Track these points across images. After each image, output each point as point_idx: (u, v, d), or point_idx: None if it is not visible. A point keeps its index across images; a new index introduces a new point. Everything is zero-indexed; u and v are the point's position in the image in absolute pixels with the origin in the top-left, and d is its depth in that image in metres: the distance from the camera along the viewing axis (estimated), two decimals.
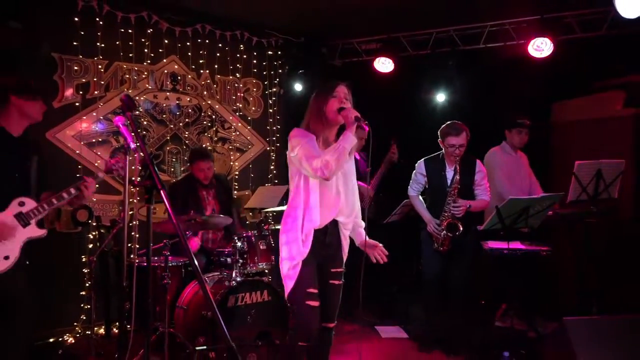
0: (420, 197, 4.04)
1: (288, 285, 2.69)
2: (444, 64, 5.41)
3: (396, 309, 5.10)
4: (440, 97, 5.55)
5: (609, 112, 5.10)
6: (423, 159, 4.03)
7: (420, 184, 4.00)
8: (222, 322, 1.99)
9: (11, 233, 2.80)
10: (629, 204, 4.89)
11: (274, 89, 5.83)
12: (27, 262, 2.92)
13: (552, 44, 4.67)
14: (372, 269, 5.35)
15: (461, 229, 3.69)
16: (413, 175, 4.06)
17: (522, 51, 4.89)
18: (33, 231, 2.89)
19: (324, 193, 2.68)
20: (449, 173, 3.84)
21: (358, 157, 5.15)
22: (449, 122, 3.89)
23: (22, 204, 2.87)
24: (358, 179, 4.96)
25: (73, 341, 4.34)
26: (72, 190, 2.92)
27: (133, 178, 2.78)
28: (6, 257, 2.80)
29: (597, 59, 4.97)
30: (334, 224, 2.77)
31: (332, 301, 2.81)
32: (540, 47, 4.77)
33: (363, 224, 2.92)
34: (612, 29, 4.66)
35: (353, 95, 2.76)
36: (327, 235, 2.74)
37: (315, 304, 2.69)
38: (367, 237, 2.86)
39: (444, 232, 3.74)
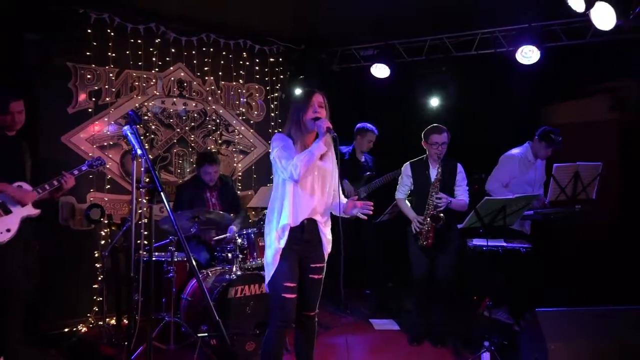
0: (406, 200, 4.29)
1: (269, 272, 2.95)
2: (438, 69, 5.66)
3: (390, 304, 5.35)
4: (434, 101, 5.79)
5: (596, 116, 5.32)
6: (409, 162, 4.28)
7: (407, 185, 4.24)
8: (210, 300, 2.21)
9: (28, 198, 3.34)
10: (615, 204, 5.10)
11: (276, 94, 6.09)
12: (38, 248, 3.34)
13: (539, 52, 4.90)
14: (368, 266, 5.62)
15: (443, 219, 3.93)
16: (399, 178, 4.31)
17: (512, 57, 5.12)
18: (29, 210, 3.40)
19: (299, 193, 2.92)
20: (433, 172, 4.09)
21: (363, 160, 5.43)
22: (432, 125, 4.15)
23: (19, 187, 3.38)
24: (355, 179, 5.20)
25: (86, 330, 4.63)
26: (55, 182, 3.46)
27: (141, 180, 3.02)
28: (8, 230, 3.30)
29: (584, 64, 5.18)
30: (312, 222, 2.98)
31: (312, 294, 3.06)
32: (528, 54, 4.99)
33: (344, 198, 3.08)
34: (596, 37, 4.86)
35: (352, 99, 3.03)
36: (304, 233, 2.95)
37: (292, 296, 2.92)
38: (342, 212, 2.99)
39: (428, 222, 3.97)
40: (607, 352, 3.15)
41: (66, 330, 4.56)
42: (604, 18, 3.68)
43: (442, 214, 3.95)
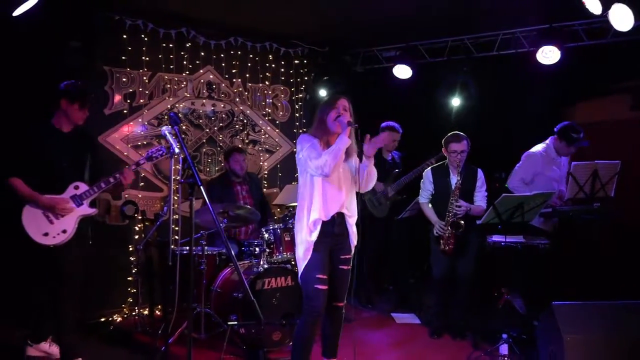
0: (430, 204, 4.41)
1: (301, 266, 3.14)
2: (459, 70, 5.76)
3: (411, 299, 5.49)
4: (456, 102, 5.88)
5: (617, 114, 5.36)
6: (430, 167, 4.44)
7: (429, 190, 4.38)
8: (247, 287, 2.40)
9: (69, 209, 3.46)
10: (636, 204, 5.12)
11: (300, 95, 6.29)
12: (90, 242, 3.53)
13: (559, 52, 4.96)
14: (392, 263, 5.76)
15: (463, 226, 4.07)
16: (421, 184, 4.45)
17: (532, 58, 5.18)
18: (85, 210, 3.55)
19: (328, 189, 3.12)
20: (453, 179, 4.22)
21: (389, 158, 5.56)
22: (451, 132, 4.27)
23: (76, 187, 3.55)
24: (383, 178, 5.34)
25: (121, 320, 4.88)
26: (117, 175, 3.58)
27: (177, 177, 3.25)
28: (64, 231, 3.46)
29: (604, 64, 5.21)
30: (341, 216, 3.19)
31: (342, 284, 3.26)
32: (548, 55, 5.05)
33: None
34: (617, 37, 4.90)
35: (375, 99, 3.18)
36: (335, 226, 3.17)
37: (323, 287, 3.12)
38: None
39: (449, 229, 4.12)
40: (622, 345, 3.24)
41: (102, 320, 4.81)
42: (623, 19, 3.77)
43: (462, 221, 4.08)
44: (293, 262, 4.49)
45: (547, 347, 3.53)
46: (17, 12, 3.57)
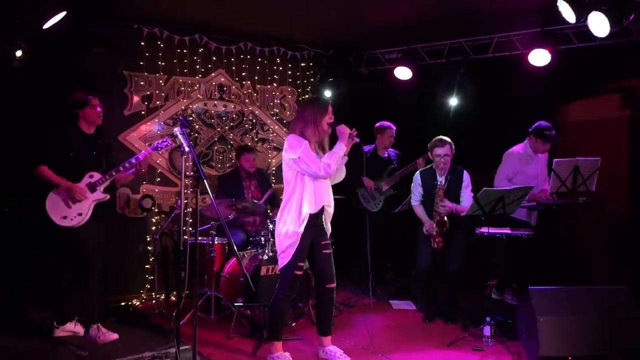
0: (421, 205, 4.74)
1: (287, 256, 3.51)
2: (457, 71, 6.04)
3: (411, 289, 5.79)
4: (453, 101, 6.16)
5: (607, 113, 5.59)
6: (419, 171, 4.78)
7: (419, 192, 4.71)
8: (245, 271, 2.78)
9: (84, 196, 3.98)
10: (623, 201, 5.37)
11: (307, 96, 6.62)
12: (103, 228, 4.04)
13: (550, 54, 5.21)
14: (391, 254, 6.07)
15: (447, 224, 4.41)
16: (412, 187, 4.79)
17: (526, 60, 5.44)
18: (99, 195, 4.08)
19: (317, 186, 3.49)
20: (439, 181, 4.54)
21: (385, 155, 5.89)
22: (436, 137, 4.59)
23: (91, 176, 4.07)
24: (378, 175, 5.66)
25: (139, 304, 5.30)
26: (126, 164, 4.09)
27: (187, 173, 3.56)
28: (79, 214, 3.99)
29: (594, 65, 5.42)
30: (322, 208, 3.58)
31: (327, 266, 3.65)
32: (541, 57, 5.30)
33: None
34: (605, 40, 5.12)
35: (378, 99, 3.50)
36: (317, 218, 3.55)
37: (300, 273, 3.57)
38: None
39: (436, 228, 4.45)
40: (589, 324, 3.55)
41: (122, 304, 5.23)
42: (599, 26, 4.03)
43: (446, 219, 4.41)
44: None
45: (524, 327, 3.85)
46: (47, 24, 4.00)
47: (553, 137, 4.74)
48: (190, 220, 5.38)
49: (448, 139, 4.53)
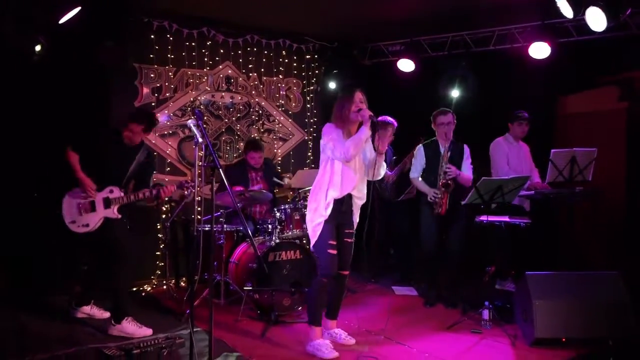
0: (420, 178, 4.88)
1: (315, 235, 3.68)
2: (459, 63, 6.16)
3: (414, 275, 5.97)
4: (455, 93, 6.28)
5: (606, 105, 5.72)
6: (421, 144, 4.91)
7: (421, 164, 4.84)
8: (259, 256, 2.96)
9: (92, 197, 3.98)
10: (620, 190, 5.52)
11: (312, 87, 6.78)
12: (129, 227, 4.10)
13: (549, 47, 5.32)
14: (396, 241, 6.23)
15: (452, 185, 4.54)
16: (413, 160, 4.92)
17: (526, 52, 5.55)
18: (111, 213, 4.05)
19: (346, 173, 3.63)
20: (442, 150, 4.70)
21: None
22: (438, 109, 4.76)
23: (111, 191, 4.06)
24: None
25: (151, 290, 5.50)
26: (147, 193, 4.08)
27: (200, 163, 3.68)
28: (86, 225, 4.00)
29: (594, 58, 5.55)
30: (349, 196, 3.72)
31: (346, 254, 3.80)
32: (541, 49, 5.42)
33: None
34: (604, 33, 5.23)
35: (380, 91, 3.60)
36: (342, 205, 3.70)
37: (334, 252, 3.66)
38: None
39: (442, 190, 4.57)
40: (583, 308, 3.73)
41: (134, 289, 5.40)
42: (597, 20, 4.16)
43: (450, 182, 4.54)
44: (303, 239, 5.03)
45: (520, 311, 4.03)
46: (62, 20, 4.14)
47: (523, 116, 5.16)
48: (199, 209, 5.54)
49: (449, 109, 4.72)
